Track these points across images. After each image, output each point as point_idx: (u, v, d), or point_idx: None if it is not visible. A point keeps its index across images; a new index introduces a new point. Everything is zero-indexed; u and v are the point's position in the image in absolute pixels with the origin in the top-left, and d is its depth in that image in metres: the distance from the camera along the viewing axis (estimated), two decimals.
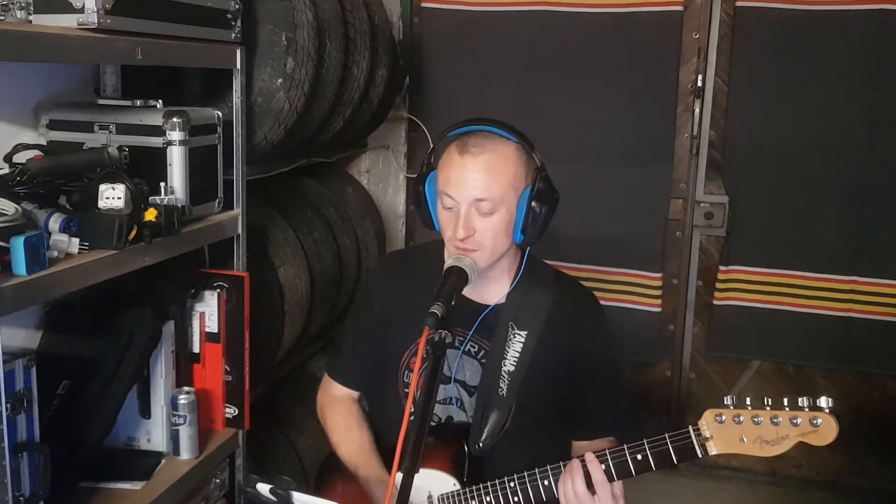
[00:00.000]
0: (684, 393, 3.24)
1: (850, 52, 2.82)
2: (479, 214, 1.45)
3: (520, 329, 1.56)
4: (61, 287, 1.33)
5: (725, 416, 1.28)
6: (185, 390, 1.74)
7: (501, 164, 1.46)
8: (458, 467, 1.54)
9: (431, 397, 1.30)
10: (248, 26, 1.84)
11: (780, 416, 1.26)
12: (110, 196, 1.42)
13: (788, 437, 1.25)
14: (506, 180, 1.45)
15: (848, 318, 2.97)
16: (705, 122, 3.02)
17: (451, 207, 1.47)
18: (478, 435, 1.54)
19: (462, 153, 1.45)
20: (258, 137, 2.00)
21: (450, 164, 1.47)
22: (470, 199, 1.45)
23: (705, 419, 1.30)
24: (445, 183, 1.47)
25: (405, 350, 1.63)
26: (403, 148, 3.28)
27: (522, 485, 1.44)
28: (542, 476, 1.43)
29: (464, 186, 1.45)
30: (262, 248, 2.17)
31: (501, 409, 1.54)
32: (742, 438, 1.28)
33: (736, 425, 1.28)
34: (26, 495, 1.36)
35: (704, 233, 3.13)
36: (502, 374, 1.55)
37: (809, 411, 1.25)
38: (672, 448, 1.32)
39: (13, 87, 1.64)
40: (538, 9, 3.03)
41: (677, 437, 1.32)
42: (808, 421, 1.24)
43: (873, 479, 3.13)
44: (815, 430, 1.24)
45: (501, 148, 1.47)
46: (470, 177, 1.44)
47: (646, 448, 1.34)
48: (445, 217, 1.50)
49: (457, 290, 1.40)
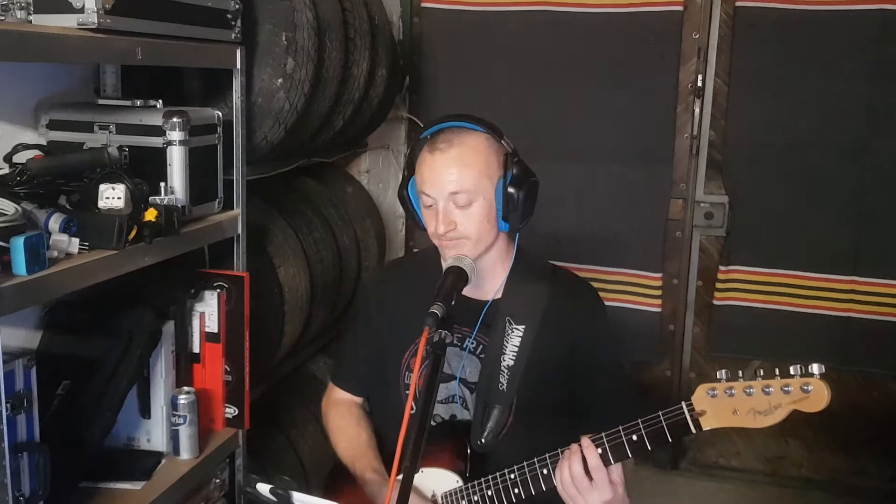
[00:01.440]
0: (684, 393, 3.21)
1: (850, 52, 2.82)
2: (458, 207, 1.49)
3: (517, 323, 1.57)
4: (61, 287, 1.32)
5: (718, 389, 1.27)
6: (185, 390, 1.74)
7: (471, 155, 1.49)
8: (460, 465, 1.54)
9: (432, 397, 1.30)
10: (247, 26, 1.84)
11: (772, 384, 1.24)
12: (110, 196, 1.42)
13: (781, 405, 1.23)
14: (477, 170, 1.48)
15: (848, 318, 2.97)
16: (705, 122, 3.03)
17: (430, 205, 1.52)
18: (479, 431, 1.54)
19: (432, 151, 1.50)
20: (258, 137, 2.00)
21: (422, 163, 1.52)
22: (445, 194, 1.48)
23: (698, 394, 1.29)
24: (421, 182, 1.52)
25: (405, 352, 1.64)
26: (403, 148, 3.28)
27: (522, 476, 1.44)
28: (541, 465, 1.43)
29: (437, 182, 1.49)
30: (262, 248, 2.17)
31: (502, 404, 1.54)
32: (735, 411, 1.26)
33: (728, 398, 1.26)
34: (26, 495, 1.36)
35: (704, 233, 3.13)
36: (502, 369, 1.55)
37: (801, 378, 1.23)
38: (666, 425, 1.31)
39: (13, 87, 1.64)
40: (538, 9, 3.03)
41: (671, 414, 1.31)
42: (798, 387, 1.22)
43: (873, 479, 3.12)
44: (806, 396, 1.22)
45: (469, 139, 1.50)
46: (442, 171, 1.48)
47: (640, 427, 1.33)
48: (427, 215, 1.54)
49: (456, 289, 1.41)
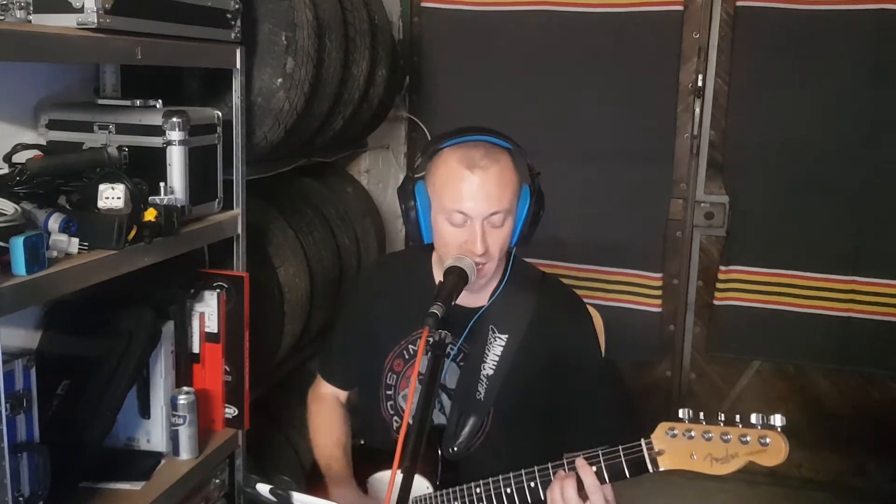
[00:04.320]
0: (684, 393, 3.24)
1: (851, 52, 2.82)
2: (491, 227, 1.45)
3: (500, 333, 1.55)
4: (61, 287, 1.32)
5: (678, 430, 1.24)
6: (185, 390, 1.74)
7: (507, 174, 1.46)
8: (431, 471, 1.52)
9: (431, 397, 1.29)
10: (247, 26, 1.84)
11: (731, 433, 1.21)
12: (110, 196, 1.42)
13: (737, 455, 1.21)
14: (512, 190, 1.46)
15: (848, 318, 2.97)
16: (705, 122, 3.02)
17: (461, 224, 1.45)
18: (452, 438, 1.52)
19: (472, 168, 1.43)
20: (258, 137, 2.00)
21: (457, 179, 1.43)
22: (485, 214, 1.43)
23: (658, 433, 1.27)
24: (455, 200, 1.43)
25: (389, 352, 1.63)
26: (403, 148, 3.28)
27: (487, 492, 1.42)
28: (505, 484, 1.40)
29: (478, 202, 1.42)
30: (262, 248, 2.16)
31: (478, 413, 1.52)
32: (692, 455, 1.24)
33: (687, 440, 1.23)
34: (26, 495, 1.36)
35: (705, 233, 3.13)
36: (481, 377, 1.53)
37: (760, 429, 1.20)
38: (624, 462, 1.29)
39: (13, 87, 1.64)
40: (538, 9, 3.03)
41: (629, 450, 1.29)
42: (756, 439, 1.20)
43: (873, 479, 3.12)
44: (763, 449, 1.20)
45: (503, 158, 1.46)
46: (483, 192, 1.42)
47: (601, 460, 1.31)
48: (452, 233, 1.46)
49: (457, 290, 1.39)
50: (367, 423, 1.69)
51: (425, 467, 1.51)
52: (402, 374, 1.61)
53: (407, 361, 1.61)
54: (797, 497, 3.11)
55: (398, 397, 1.62)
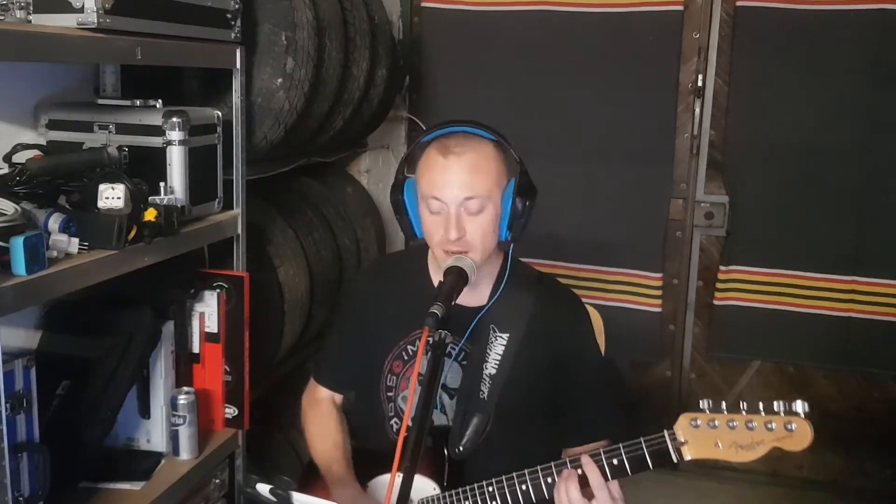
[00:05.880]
0: (684, 393, 3.24)
1: (851, 52, 2.82)
2: (468, 214, 1.45)
3: (501, 332, 1.55)
4: (61, 287, 1.33)
5: (700, 420, 1.26)
6: (185, 390, 1.74)
7: (485, 161, 1.47)
8: (438, 472, 1.52)
9: (431, 398, 1.29)
10: (247, 26, 1.84)
11: (756, 420, 1.24)
12: (110, 196, 1.42)
13: (763, 441, 1.23)
14: (490, 178, 1.46)
15: (848, 318, 2.97)
16: (705, 122, 3.02)
17: (438, 211, 1.47)
18: (458, 439, 1.52)
19: (445, 154, 1.45)
20: (258, 137, 2.00)
21: (433, 166, 1.47)
22: (459, 199, 1.44)
23: (680, 423, 1.28)
24: (430, 186, 1.47)
25: (388, 353, 1.63)
26: (403, 148, 3.28)
27: (501, 489, 1.42)
28: (520, 481, 1.40)
29: (451, 186, 1.45)
30: (261, 248, 2.16)
31: (482, 412, 1.52)
32: (717, 443, 1.26)
33: (711, 430, 1.26)
34: (26, 496, 1.36)
35: (704, 233, 3.13)
36: (483, 377, 1.54)
37: (785, 416, 1.23)
38: (647, 452, 1.30)
39: (13, 87, 1.64)
40: (538, 8, 3.03)
41: (652, 442, 1.30)
42: (782, 426, 1.23)
43: (873, 479, 3.12)
44: (789, 434, 1.22)
45: (482, 147, 1.48)
46: (456, 177, 1.44)
47: (622, 452, 1.32)
48: (432, 221, 1.48)
49: (456, 290, 1.39)
50: (367, 425, 1.68)
51: (431, 468, 1.51)
52: (402, 375, 1.61)
53: (406, 362, 1.61)
54: (797, 497, 3.11)
55: (398, 399, 1.61)
